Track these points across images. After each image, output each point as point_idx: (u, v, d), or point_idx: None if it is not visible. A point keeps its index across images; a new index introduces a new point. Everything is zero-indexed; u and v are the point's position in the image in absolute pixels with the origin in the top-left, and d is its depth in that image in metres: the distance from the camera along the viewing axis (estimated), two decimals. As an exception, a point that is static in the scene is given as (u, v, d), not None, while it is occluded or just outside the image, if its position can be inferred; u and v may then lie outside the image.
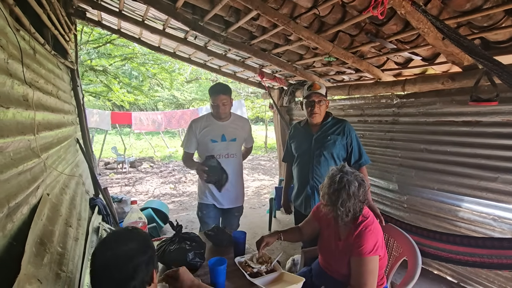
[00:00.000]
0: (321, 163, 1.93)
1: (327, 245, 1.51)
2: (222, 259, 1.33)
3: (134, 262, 0.80)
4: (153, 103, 16.58)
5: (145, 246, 0.85)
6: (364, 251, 1.29)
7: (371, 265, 1.30)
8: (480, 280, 2.18)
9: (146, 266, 0.82)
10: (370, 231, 1.33)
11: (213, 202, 2.17)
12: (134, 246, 0.82)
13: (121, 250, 0.80)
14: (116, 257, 0.79)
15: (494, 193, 2.03)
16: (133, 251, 0.81)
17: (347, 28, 1.98)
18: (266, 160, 10.53)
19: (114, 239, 0.85)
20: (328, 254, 1.50)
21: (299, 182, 2.07)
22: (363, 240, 1.31)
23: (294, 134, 2.15)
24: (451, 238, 1.84)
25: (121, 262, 0.79)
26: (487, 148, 2.05)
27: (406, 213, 2.66)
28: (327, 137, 1.95)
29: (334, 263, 1.45)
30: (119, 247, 0.81)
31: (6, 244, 0.82)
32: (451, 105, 2.23)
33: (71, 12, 2.76)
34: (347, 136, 1.94)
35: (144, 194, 6.11)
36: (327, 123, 1.98)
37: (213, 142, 2.11)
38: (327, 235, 1.52)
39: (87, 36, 7.35)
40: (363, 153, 1.98)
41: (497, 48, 1.70)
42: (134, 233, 0.89)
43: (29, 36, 1.36)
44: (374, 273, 1.31)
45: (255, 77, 3.94)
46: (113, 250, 0.81)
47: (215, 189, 2.15)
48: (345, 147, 1.96)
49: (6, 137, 0.90)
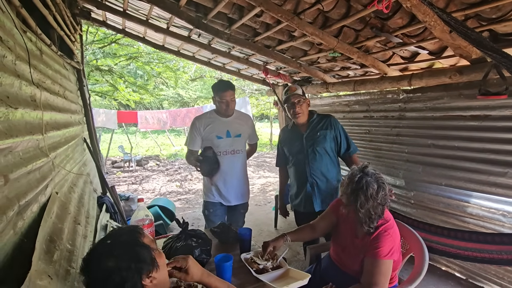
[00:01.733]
0: (316, 159, 2.02)
1: (342, 239, 1.50)
2: (228, 256, 1.34)
3: (117, 279, 0.78)
4: (158, 102, 16.70)
5: (126, 258, 0.81)
6: (380, 253, 1.29)
7: (384, 268, 1.29)
8: (489, 276, 2.16)
9: (132, 275, 0.80)
10: (389, 235, 1.32)
11: (220, 200, 2.18)
12: (111, 264, 0.79)
13: (100, 270, 0.79)
14: (96, 277, 0.78)
15: (504, 188, 1.99)
16: (113, 269, 0.78)
17: (351, 23, 1.95)
18: (271, 157, 10.51)
19: (94, 258, 0.82)
20: (341, 248, 1.50)
21: (297, 182, 2.12)
22: (380, 243, 1.30)
23: (284, 138, 2.23)
24: (459, 234, 1.81)
25: (102, 280, 0.78)
26: (496, 142, 2.01)
27: (413, 209, 2.63)
28: (317, 133, 2.03)
29: (347, 258, 1.45)
30: (98, 266, 0.79)
31: (18, 241, 0.84)
32: (459, 99, 2.20)
33: (76, 13, 2.78)
34: (335, 129, 2.06)
35: (150, 192, 6.17)
36: (314, 120, 2.08)
37: (218, 138, 2.11)
38: (344, 229, 1.51)
39: (93, 36, 7.41)
40: (351, 143, 2.08)
41: (507, 40, 1.66)
42: (113, 247, 0.83)
43: (35, 38, 1.38)
44: (386, 275, 1.30)
45: (259, 74, 3.93)
46: (92, 269, 0.79)
47: (222, 187, 2.15)
48: (335, 140, 2.05)
49: (15, 137, 0.92)
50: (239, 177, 2.20)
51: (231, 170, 2.16)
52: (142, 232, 0.90)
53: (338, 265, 1.51)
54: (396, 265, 1.41)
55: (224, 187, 2.15)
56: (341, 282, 1.41)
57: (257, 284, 1.29)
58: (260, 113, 13.71)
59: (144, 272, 0.82)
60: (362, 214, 1.29)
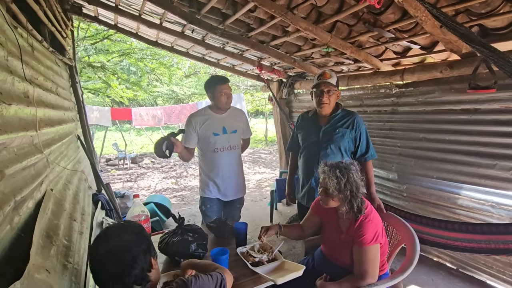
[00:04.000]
0: (328, 156, 1.90)
1: (329, 237, 1.54)
2: (224, 249, 1.36)
3: (131, 253, 0.83)
4: (152, 99, 16.53)
5: (140, 236, 0.89)
6: (365, 241, 1.34)
7: (371, 254, 1.35)
8: (479, 265, 2.22)
9: (143, 255, 0.86)
10: (370, 221, 1.38)
11: (218, 196, 2.19)
12: (128, 238, 0.86)
13: (117, 244, 0.84)
14: (113, 251, 0.83)
15: (492, 180, 2.04)
16: (129, 242, 0.85)
17: (345, 18, 1.97)
18: (266, 153, 10.55)
19: (109, 234, 0.88)
20: (331, 245, 1.54)
21: (304, 174, 2.05)
22: (363, 230, 1.35)
23: (302, 124, 2.09)
24: (450, 225, 1.86)
25: (118, 255, 0.82)
26: (485, 135, 2.06)
27: (405, 202, 2.69)
28: (336, 130, 1.90)
29: (338, 254, 1.49)
30: (115, 241, 0.85)
31: (15, 236, 0.84)
32: (449, 93, 2.24)
33: (67, 8, 2.74)
34: (356, 130, 1.91)
35: (146, 189, 6.16)
36: (337, 115, 1.93)
37: (215, 135, 2.11)
38: (329, 228, 1.55)
39: (84, 32, 7.29)
40: (370, 147, 1.95)
41: (496, 35, 1.69)
42: (127, 226, 0.93)
43: (26, 33, 1.36)
44: (374, 261, 1.35)
45: (253, 70, 3.92)
46: (108, 245, 0.84)
47: (220, 183, 2.16)
48: (354, 141, 1.92)
49: (9, 133, 0.92)
50: (236, 172, 2.22)
51: (228, 166, 2.17)
52: (142, 226, 0.97)
53: (330, 258, 1.55)
54: (384, 249, 1.46)
55: (222, 183, 2.16)
56: (334, 274, 1.45)
57: (253, 276, 1.31)
58: (255, 109, 13.68)
59: (153, 254, 0.90)
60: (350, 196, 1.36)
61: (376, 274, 1.36)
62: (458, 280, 2.33)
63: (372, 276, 1.34)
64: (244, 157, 9.83)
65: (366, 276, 1.33)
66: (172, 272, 1.25)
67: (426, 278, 2.39)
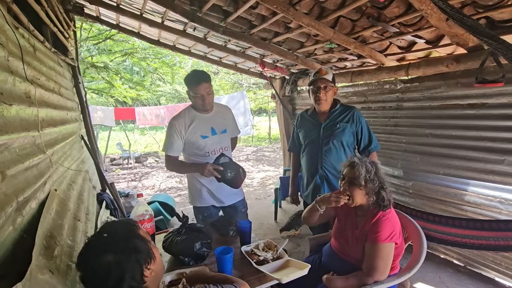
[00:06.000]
0: (331, 151, 1.90)
1: (343, 233, 1.53)
2: (228, 248, 1.35)
3: (115, 273, 0.77)
4: (155, 98, 16.61)
5: (125, 253, 0.80)
6: (380, 237, 1.32)
7: (384, 252, 1.32)
8: (487, 262, 2.19)
9: (131, 272, 0.79)
10: (388, 220, 1.37)
11: (212, 202, 1.99)
12: (110, 258, 0.78)
13: (96, 269, 0.78)
14: (95, 272, 0.77)
15: (501, 175, 2.01)
16: (110, 264, 0.77)
17: (348, 13, 1.93)
18: (270, 151, 10.53)
19: (92, 252, 0.80)
20: (343, 241, 1.52)
21: (308, 172, 2.03)
22: (379, 227, 1.34)
23: (302, 123, 2.09)
24: (457, 222, 1.83)
25: (102, 275, 0.77)
26: (493, 130, 2.02)
27: (411, 198, 2.66)
28: (336, 125, 1.90)
29: (349, 249, 1.48)
30: (95, 262, 0.78)
31: (17, 237, 0.84)
32: (456, 88, 2.19)
33: (69, 9, 2.74)
34: (357, 123, 1.91)
35: (150, 188, 6.18)
36: (335, 111, 1.94)
37: (203, 138, 1.87)
38: (344, 223, 1.54)
39: (87, 33, 7.33)
40: (373, 139, 1.95)
41: (503, 27, 1.65)
42: (110, 240, 0.82)
43: (28, 34, 1.36)
44: (386, 259, 1.33)
45: (256, 68, 3.90)
46: (90, 265, 0.78)
47: (214, 188, 1.95)
48: (355, 135, 1.93)
49: (11, 134, 0.92)
50: None
51: None
52: (137, 225, 0.91)
53: (340, 254, 1.53)
54: (399, 252, 1.44)
55: (215, 189, 1.95)
56: (343, 270, 1.43)
57: (257, 275, 1.30)
58: (258, 107, 13.68)
59: (144, 263, 0.83)
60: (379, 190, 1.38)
61: (386, 273, 1.34)
62: (466, 277, 2.30)
63: (381, 273, 1.32)
64: (247, 155, 9.83)
65: (374, 272, 1.31)
66: (176, 271, 1.24)
67: (433, 275, 2.36)
